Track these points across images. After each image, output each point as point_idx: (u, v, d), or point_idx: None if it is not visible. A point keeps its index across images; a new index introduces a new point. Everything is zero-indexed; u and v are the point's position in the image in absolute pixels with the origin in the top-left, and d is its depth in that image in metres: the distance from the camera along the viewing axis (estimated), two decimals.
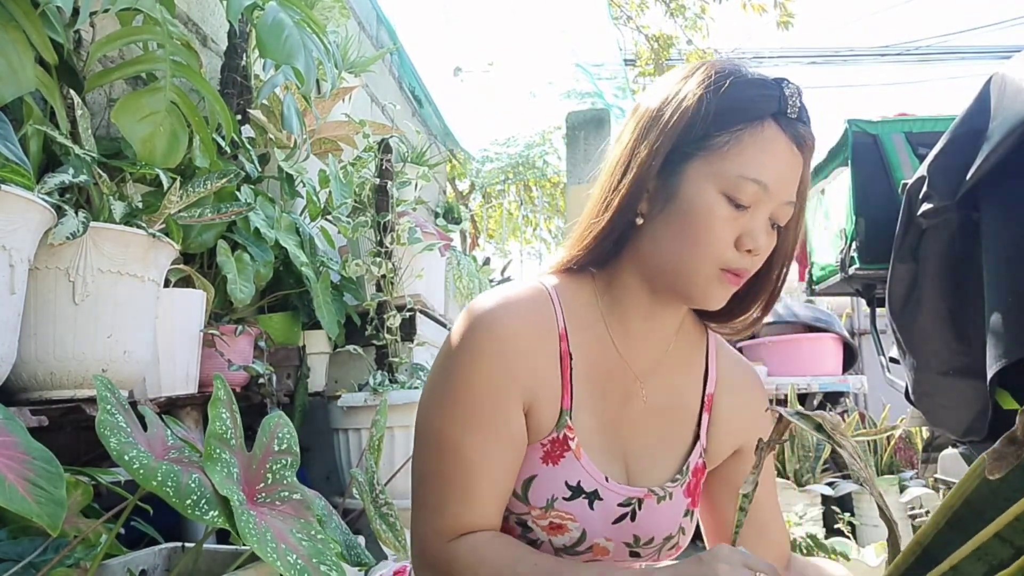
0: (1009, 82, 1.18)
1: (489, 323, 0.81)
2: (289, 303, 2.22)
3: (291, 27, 1.58)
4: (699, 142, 0.78)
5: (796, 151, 0.79)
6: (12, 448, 0.81)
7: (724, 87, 0.78)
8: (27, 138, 1.24)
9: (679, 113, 0.79)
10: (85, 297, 1.19)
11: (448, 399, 0.81)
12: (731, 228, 0.78)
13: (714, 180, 0.77)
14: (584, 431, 0.84)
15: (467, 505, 0.80)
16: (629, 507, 0.84)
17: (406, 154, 3.19)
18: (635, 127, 0.83)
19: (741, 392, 0.95)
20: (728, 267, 0.79)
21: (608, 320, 0.87)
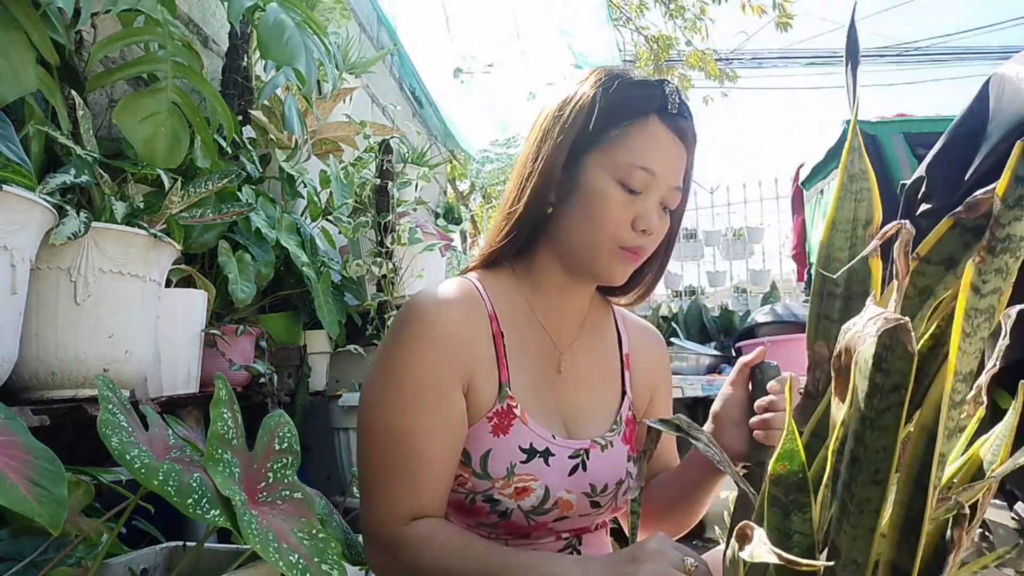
0: (1008, 82, 1.18)
1: (425, 314, 0.89)
2: (290, 303, 2.22)
3: (292, 28, 1.58)
4: (594, 136, 0.90)
5: (678, 141, 0.91)
6: (13, 448, 0.81)
7: (613, 87, 0.90)
8: (28, 138, 1.24)
9: (576, 111, 0.91)
10: (86, 297, 1.19)
11: (392, 388, 0.87)
12: (626, 211, 0.89)
13: (609, 169, 0.89)
14: (524, 399, 0.92)
15: (415, 489, 0.85)
16: (578, 458, 0.93)
17: (406, 155, 3.20)
18: (541, 126, 0.94)
19: (648, 348, 1.10)
20: (626, 246, 0.90)
21: (531, 300, 0.98)
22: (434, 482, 0.87)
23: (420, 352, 0.87)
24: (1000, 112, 1.18)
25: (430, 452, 0.86)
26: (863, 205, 0.60)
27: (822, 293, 0.63)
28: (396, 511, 0.86)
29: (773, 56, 6.53)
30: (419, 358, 0.87)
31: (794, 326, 4.02)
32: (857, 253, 0.59)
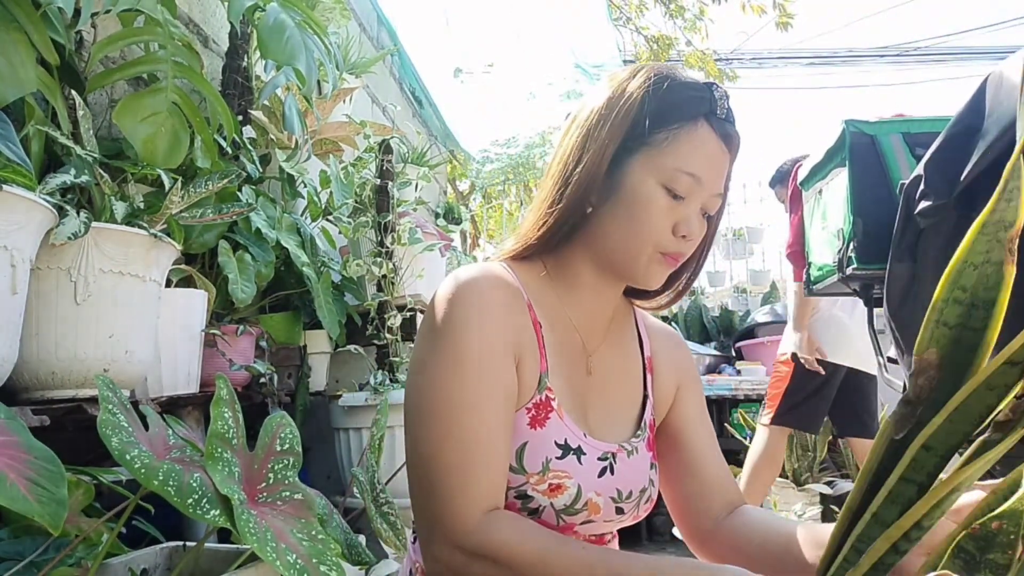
0: (1005, 80, 1.18)
1: (475, 287, 0.86)
2: (290, 303, 2.22)
3: (292, 28, 1.59)
4: (641, 138, 0.87)
5: (724, 148, 0.89)
6: (14, 448, 0.81)
7: (663, 89, 0.88)
8: (29, 138, 1.24)
9: (624, 112, 0.88)
10: (87, 297, 1.19)
11: (455, 361, 0.82)
12: (668, 216, 0.87)
13: (654, 173, 0.86)
14: (560, 392, 0.90)
15: (492, 471, 0.80)
16: (607, 461, 0.91)
17: (407, 155, 3.20)
18: (585, 123, 0.91)
19: (670, 349, 1.08)
20: (666, 251, 0.88)
21: (562, 297, 0.95)
22: (503, 463, 0.83)
23: (478, 321, 0.84)
24: (997, 109, 1.18)
25: (500, 427, 0.82)
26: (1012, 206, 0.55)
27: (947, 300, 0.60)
28: (476, 497, 0.79)
29: (773, 56, 6.53)
30: (478, 327, 0.83)
31: None
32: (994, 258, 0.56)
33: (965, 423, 0.55)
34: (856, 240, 1.93)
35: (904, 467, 0.57)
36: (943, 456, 0.56)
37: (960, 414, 0.54)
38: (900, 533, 0.56)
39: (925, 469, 0.56)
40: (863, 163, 1.94)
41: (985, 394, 0.54)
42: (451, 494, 0.79)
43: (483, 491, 0.79)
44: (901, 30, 7.99)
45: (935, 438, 0.55)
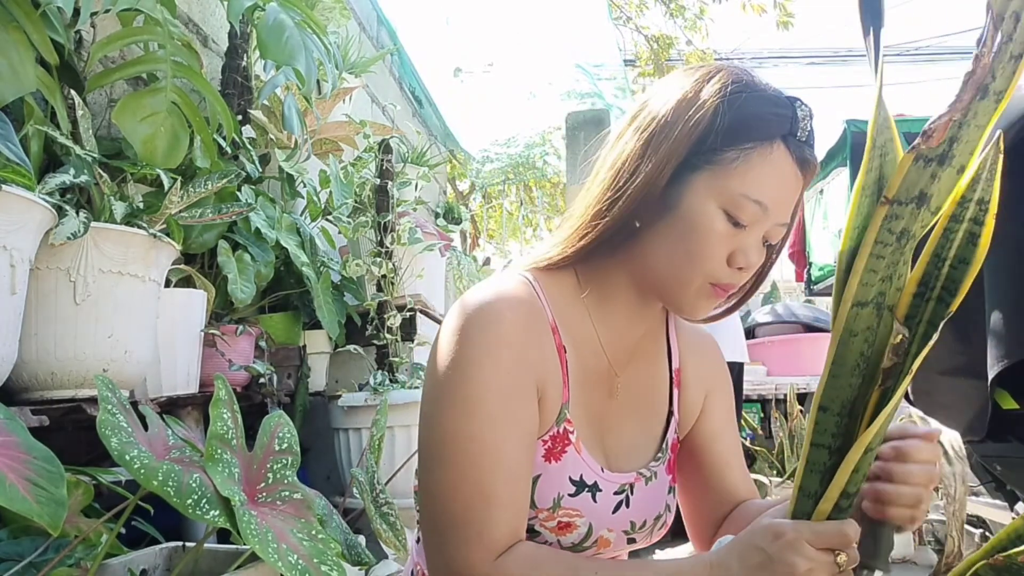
0: None
1: (494, 316, 0.78)
2: (290, 303, 2.22)
3: (292, 28, 1.58)
4: (707, 155, 0.77)
5: (799, 174, 0.79)
6: (13, 448, 0.81)
7: (740, 101, 0.77)
8: (28, 138, 1.24)
9: (693, 123, 0.77)
10: (86, 297, 1.19)
11: (472, 400, 0.75)
12: (726, 245, 0.78)
13: (716, 196, 0.77)
14: (580, 423, 0.84)
15: (512, 513, 0.75)
16: (623, 494, 0.86)
17: (406, 154, 3.20)
18: (648, 129, 0.80)
19: (701, 355, 0.99)
20: (717, 282, 0.79)
21: (593, 315, 0.87)
22: (525, 502, 0.77)
23: (496, 357, 0.76)
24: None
25: (520, 467, 0.76)
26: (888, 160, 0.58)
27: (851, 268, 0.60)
28: (493, 541, 0.74)
29: (773, 56, 6.52)
30: (496, 364, 0.76)
31: (795, 326, 4.03)
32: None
33: (846, 375, 0.56)
34: None
35: (810, 433, 0.59)
36: (839, 413, 0.57)
37: (838, 367, 0.56)
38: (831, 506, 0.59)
39: (828, 431, 0.58)
40: None
41: (850, 341, 0.55)
42: (467, 540, 0.74)
43: (501, 535, 0.74)
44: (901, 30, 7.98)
45: (826, 397, 0.57)
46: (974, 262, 0.53)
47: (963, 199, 0.53)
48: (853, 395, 0.57)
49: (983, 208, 0.54)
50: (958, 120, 0.50)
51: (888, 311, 0.55)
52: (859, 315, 0.55)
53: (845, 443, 0.57)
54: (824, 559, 0.61)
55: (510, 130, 6.59)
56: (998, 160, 0.52)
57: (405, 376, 2.27)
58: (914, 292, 0.55)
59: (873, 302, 0.55)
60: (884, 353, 0.55)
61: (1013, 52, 0.48)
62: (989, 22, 0.48)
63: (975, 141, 0.51)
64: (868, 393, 0.56)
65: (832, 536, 0.61)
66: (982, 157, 0.52)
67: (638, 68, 5.97)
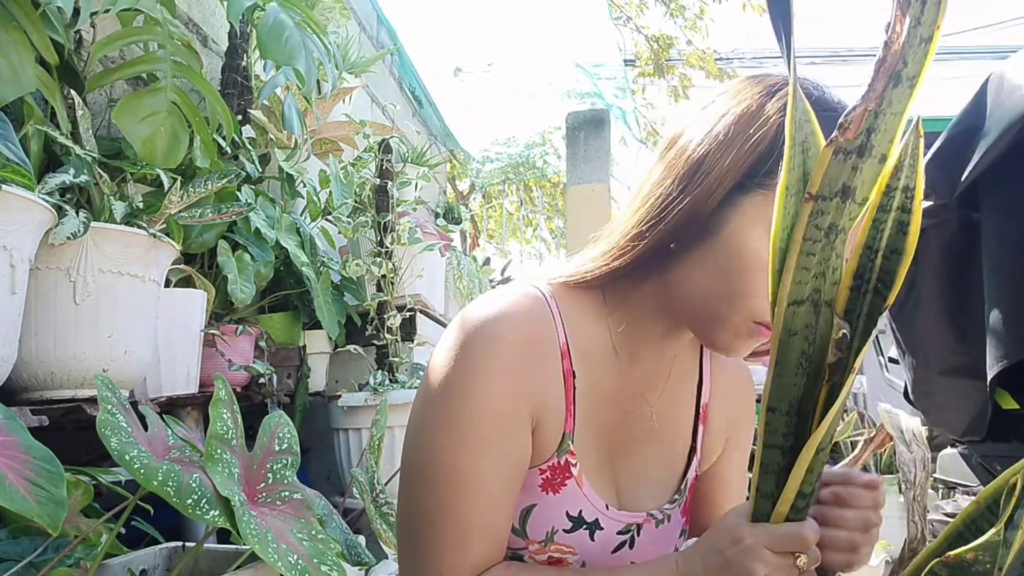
0: (1007, 80, 1.18)
1: (491, 337, 0.72)
2: (290, 303, 2.22)
3: (292, 28, 1.58)
4: (762, 177, 0.70)
5: None
6: (12, 448, 0.81)
7: None
8: (28, 138, 1.24)
9: (753, 142, 0.69)
10: (86, 297, 1.19)
11: (459, 425, 0.72)
12: None
13: (768, 223, 0.64)
14: (585, 455, 0.78)
15: (489, 540, 0.72)
16: (628, 534, 0.80)
17: (406, 154, 3.20)
18: (700, 143, 0.72)
19: (730, 390, 0.92)
20: (760, 320, 0.71)
21: (616, 339, 0.80)
22: (505, 532, 0.74)
23: (490, 383, 0.71)
24: (998, 109, 1.17)
25: (504, 498, 0.73)
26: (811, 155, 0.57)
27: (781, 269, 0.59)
28: (467, 567, 0.72)
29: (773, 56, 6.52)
30: (489, 390, 0.71)
31: None
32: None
33: (790, 374, 0.56)
34: None
35: (762, 434, 0.58)
36: (788, 412, 0.57)
37: (781, 366, 0.56)
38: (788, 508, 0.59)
39: (779, 431, 0.57)
40: None
41: (790, 340, 0.55)
42: (439, 565, 0.72)
43: (474, 564, 0.72)
44: None
45: (773, 397, 0.57)
46: (906, 251, 0.53)
47: (888, 188, 0.52)
48: (800, 394, 0.57)
49: (909, 196, 0.53)
50: (873, 110, 0.49)
51: (826, 306, 0.55)
52: (796, 313, 0.55)
53: (797, 442, 0.57)
54: (782, 563, 0.60)
55: (510, 130, 6.59)
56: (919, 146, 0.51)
57: (405, 376, 2.27)
58: (850, 286, 0.54)
59: (809, 299, 0.55)
60: (827, 349, 0.55)
61: (923, 35, 0.47)
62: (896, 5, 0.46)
63: (893, 129, 0.50)
64: (816, 390, 0.56)
65: (790, 539, 0.60)
66: (902, 145, 0.51)
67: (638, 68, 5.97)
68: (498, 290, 0.80)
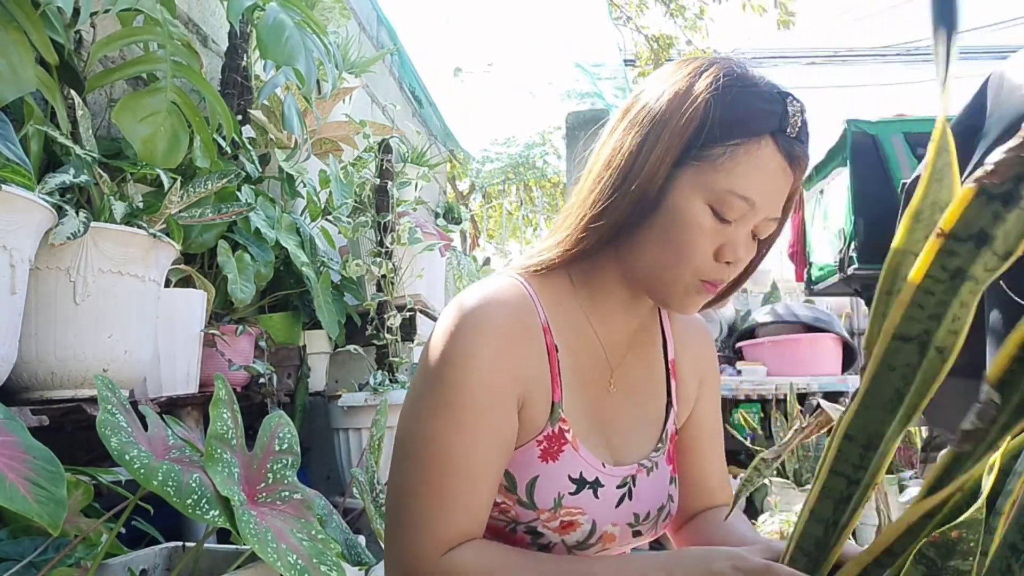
0: (1007, 79, 1.18)
1: (479, 321, 0.78)
2: (290, 303, 2.22)
3: (292, 28, 1.58)
4: (695, 151, 0.76)
5: (789, 170, 0.78)
6: (13, 448, 0.81)
7: (730, 96, 0.76)
8: (28, 138, 1.24)
9: (687, 118, 0.76)
10: (86, 297, 1.19)
11: (445, 405, 0.77)
12: (713, 240, 0.77)
13: (703, 192, 0.76)
14: (576, 421, 0.84)
15: (469, 518, 0.77)
16: (625, 487, 0.85)
17: (406, 154, 3.20)
18: (641, 125, 0.79)
19: (693, 344, 1.00)
20: (706, 278, 0.79)
21: (588, 313, 0.88)
22: (486, 508, 0.79)
23: (476, 365, 0.77)
24: (999, 109, 1.17)
25: (486, 475, 0.77)
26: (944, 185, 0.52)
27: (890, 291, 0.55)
28: (444, 538, 0.76)
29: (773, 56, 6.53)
30: (475, 372, 0.77)
31: (795, 326, 4.02)
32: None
33: (878, 408, 0.53)
34: (857, 240, 1.94)
35: (831, 459, 0.56)
36: (865, 445, 0.55)
37: (870, 398, 0.53)
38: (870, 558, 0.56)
39: (850, 460, 0.56)
40: (865, 163, 1.94)
41: (888, 375, 0.53)
42: (418, 536, 0.77)
43: (452, 535, 0.76)
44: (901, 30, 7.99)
45: (853, 426, 0.55)
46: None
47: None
48: (883, 431, 0.54)
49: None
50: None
51: (936, 352, 0.51)
52: (900, 349, 0.51)
53: (866, 477, 0.55)
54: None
55: (510, 130, 6.60)
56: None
57: (405, 376, 2.27)
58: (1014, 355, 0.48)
59: (917, 339, 0.51)
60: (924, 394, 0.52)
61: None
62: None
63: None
64: (900, 431, 0.53)
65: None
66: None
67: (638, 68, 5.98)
68: (485, 279, 0.87)
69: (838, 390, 3.81)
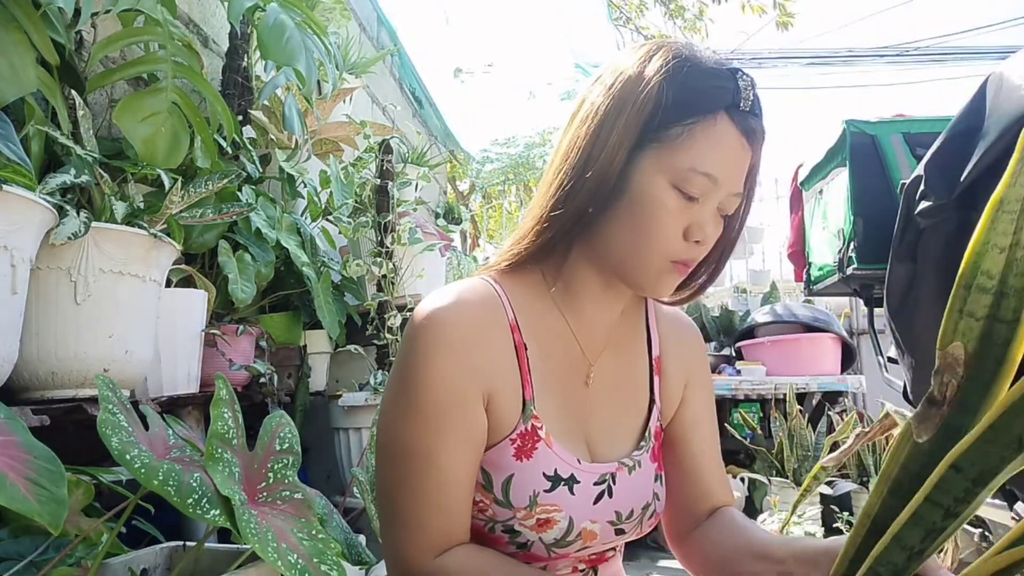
0: (1006, 80, 1.18)
1: (439, 321, 0.80)
2: (290, 303, 2.22)
3: (292, 28, 1.59)
4: (653, 133, 0.77)
5: (746, 144, 0.79)
6: (14, 447, 0.81)
7: (681, 76, 0.77)
8: (29, 138, 1.24)
9: (641, 102, 0.77)
10: (87, 297, 1.19)
11: (410, 406, 0.79)
12: (680, 220, 0.78)
13: (665, 172, 0.77)
14: (549, 418, 0.84)
15: (447, 516, 0.79)
16: (604, 484, 0.85)
17: (406, 155, 3.20)
18: (596, 113, 0.80)
19: (681, 343, 0.99)
20: (677, 258, 0.80)
21: (561, 306, 0.88)
22: (462, 505, 0.80)
23: (437, 364, 0.78)
24: (998, 109, 1.17)
25: (456, 473, 0.79)
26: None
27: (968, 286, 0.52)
28: (431, 542, 0.78)
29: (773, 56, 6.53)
30: (436, 371, 0.78)
31: (794, 326, 4.02)
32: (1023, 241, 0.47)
33: (1000, 445, 0.49)
34: (856, 240, 1.94)
35: (930, 488, 0.51)
36: (974, 480, 0.50)
37: (993, 433, 0.48)
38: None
39: (952, 493, 0.51)
40: (864, 163, 1.94)
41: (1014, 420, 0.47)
42: (403, 538, 0.79)
43: (434, 538, 0.78)
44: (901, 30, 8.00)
45: (965, 459, 0.50)
46: None
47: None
48: (998, 469, 0.50)
49: None
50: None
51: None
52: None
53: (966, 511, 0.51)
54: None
55: (510, 130, 6.60)
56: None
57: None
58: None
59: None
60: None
61: None
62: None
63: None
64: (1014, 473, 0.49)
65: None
66: None
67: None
68: (450, 284, 0.87)
69: (837, 390, 3.81)
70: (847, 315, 5.10)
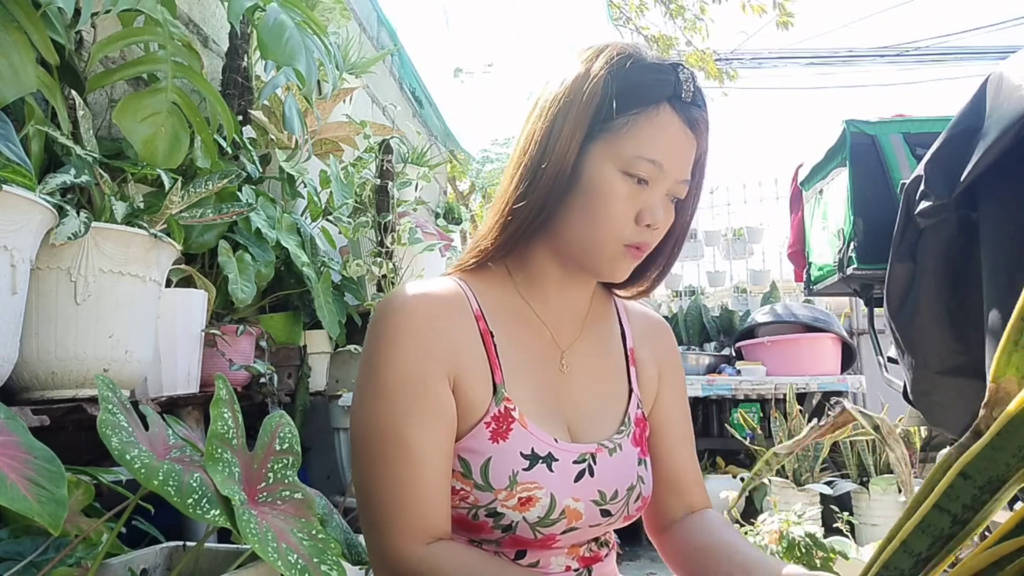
0: (1005, 80, 1.18)
1: (400, 310, 0.84)
2: (290, 303, 2.22)
3: (292, 28, 1.58)
4: (601, 124, 0.83)
5: (690, 132, 0.84)
6: (13, 447, 0.81)
7: (624, 71, 0.83)
8: (28, 138, 1.24)
9: (587, 96, 0.83)
10: (87, 297, 1.19)
11: (376, 390, 0.82)
12: (631, 205, 0.83)
13: (613, 160, 0.82)
14: (523, 400, 0.87)
15: (422, 500, 0.80)
16: (584, 463, 0.87)
17: (407, 155, 3.20)
18: (548, 112, 0.85)
19: (652, 337, 1.04)
20: (630, 243, 0.85)
21: (526, 295, 0.93)
22: (438, 489, 0.81)
23: (398, 347, 0.82)
24: (997, 110, 1.17)
25: (426, 451, 0.80)
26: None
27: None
28: (415, 528, 0.79)
29: (773, 56, 6.53)
30: (397, 354, 0.82)
31: (794, 326, 4.03)
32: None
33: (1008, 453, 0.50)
34: (856, 240, 1.94)
35: (939, 495, 0.52)
36: (981, 487, 0.51)
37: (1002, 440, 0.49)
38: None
39: (961, 500, 0.52)
40: (864, 163, 1.95)
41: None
42: (383, 528, 0.81)
43: (413, 524, 0.79)
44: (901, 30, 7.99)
45: (974, 465, 0.51)
46: None
47: None
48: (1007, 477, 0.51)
49: None
50: None
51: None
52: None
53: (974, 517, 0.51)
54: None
55: (510, 130, 6.60)
56: None
57: None
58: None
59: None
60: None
61: None
62: None
63: None
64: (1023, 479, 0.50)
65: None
66: None
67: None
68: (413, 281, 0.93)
69: (837, 390, 3.81)
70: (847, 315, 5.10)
